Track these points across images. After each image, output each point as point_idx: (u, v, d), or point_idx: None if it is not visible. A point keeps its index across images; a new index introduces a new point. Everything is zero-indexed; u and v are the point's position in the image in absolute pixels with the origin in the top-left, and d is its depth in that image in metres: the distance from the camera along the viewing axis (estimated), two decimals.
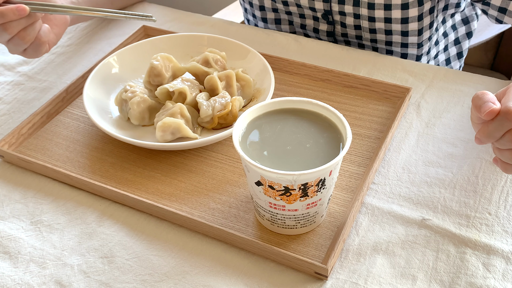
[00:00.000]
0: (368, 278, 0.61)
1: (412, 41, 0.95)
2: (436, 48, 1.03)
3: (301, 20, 1.00)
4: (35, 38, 0.78)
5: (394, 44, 0.96)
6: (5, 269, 0.64)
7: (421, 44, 0.96)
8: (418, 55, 0.98)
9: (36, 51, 0.80)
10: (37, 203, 0.71)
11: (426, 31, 0.94)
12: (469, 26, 1.04)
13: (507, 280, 0.60)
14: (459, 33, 1.04)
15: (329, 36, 1.00)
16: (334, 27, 0.98)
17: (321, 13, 0.96)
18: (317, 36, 1.02)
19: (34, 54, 0.81)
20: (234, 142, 0.60)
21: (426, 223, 0.66)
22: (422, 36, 0.94)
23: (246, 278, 0.62)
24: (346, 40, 1.00)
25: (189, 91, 0.77)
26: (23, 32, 0.76)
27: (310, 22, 0.99)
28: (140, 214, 0.69)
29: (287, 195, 0.59)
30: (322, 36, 1.00)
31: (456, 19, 1.02)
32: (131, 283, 0.62)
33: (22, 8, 0.72)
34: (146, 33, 0.99)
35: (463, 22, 1.03)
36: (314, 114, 0.65)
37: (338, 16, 0.95)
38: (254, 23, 1.08)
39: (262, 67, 0.83)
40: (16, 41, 0.76)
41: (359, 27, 0.95)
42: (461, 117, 0.79)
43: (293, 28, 1.04)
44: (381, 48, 0.98)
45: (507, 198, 0.68)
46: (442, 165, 0.73)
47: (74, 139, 0.79)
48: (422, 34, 0.94)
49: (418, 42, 0.95)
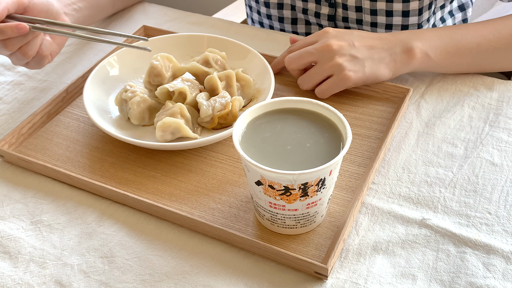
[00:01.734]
0: (368, 278, 0.61)
1: (413, 21, 0.95)
2: None
3: (303, 3, 1.00)
4: (36, 52, 0.78)
5: (394, 27, 0.96)
6: (5, 269, 0.64)
7: (421, 25, 0.96)
8: None
9: (39, 64, 0.81)
10: (37, 203, 0.71)
11: (426, 11, 0.94)
12: (465, 13, 1.05)
13: (507, 280, 0.60)
14: (456, 19, 1.05)
15: (330, 21, 1.00)
16: (336, 10, 0.98)
17: None
18: (318, 22, 1.02)
19: (37, 66, 0.82)
20: (234, 142, 0.60)
21: (426, 222, 0.66)
22: (422, 16, 0.94)
23: (246, 278, 0.62)
24: (346, 25, 1.00)
25: (189, 91, 0.77)
26: (25, 48, 0.76)
27: (312, 6, 0.99)
28: (140, 214, 0.69)
29: (287, 194, 0.59)
30: (323, 20, 1.00)
31: (454, 5, 1.03)
32: (131, 283, 0.62)
33: (23, 27, 0.72)
34: (146, 33, 0.99)
35: (459, 9, 1.04)
36: (314, 114, 0.65)
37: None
38: (257, 9, 1.08)
39: (262, 67, 0.83)
40: (18, 56, 0.77)
41: (360, 8, 0.95)
42: (461, 117, 0.79)
43: (294, 14, 1.04)
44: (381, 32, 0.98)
45: (507, 198, 0.68)
46: (442, 165, 0.73)
47: (74, 139, 0.79)
48: (422, 14, 0.94)
49: (418, 23, 0.95)
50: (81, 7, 0.92)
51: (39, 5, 0.79)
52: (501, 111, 0.79)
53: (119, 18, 1.05)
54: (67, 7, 0.88)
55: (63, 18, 0.85)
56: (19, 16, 0.76)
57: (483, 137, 0.76)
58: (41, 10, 0.79)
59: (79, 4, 0.91)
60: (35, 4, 0.78)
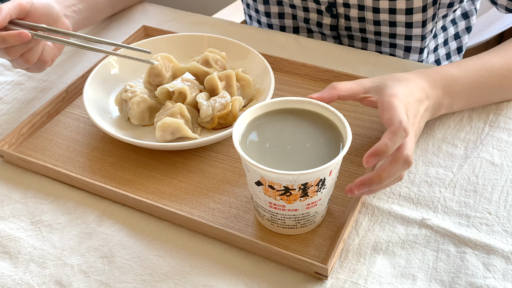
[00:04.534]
0: (368, 278, 0.61)
1: (416, 33, 0.94)
2: (435, 41, 1.03)
3: (304, 14, 0.99)
4: (38, 58, 0.78)
5: (398, 36, 0.95)
6: (5, 269, 0.64)
7: (425, 36, 0.95)
8: (422, 47, 0.98)
9: (39, 68, 0.82)
10: (37, 203, 0.71)
11: (429, 23, 0.94)
12: (469, 20, 1.04)
13: (507, 280, 0.60)
14: (459, 27, 1.04)
15: (332, 30, 1.00)
16: (338, 20, 0.97)
17: (325, 6, 0.95)
18: (320, 31, 1.01)
19: (37, 71, 0.82)
20: (234, 142, 0.60)
21: (426, 223, 0.66)
22: (426, 28, 0.94)
23: (246, 278, 0.62)
24: (349, 34, 1.00)
25: (189, 91, 0.77)
26: (27, 55, 0.76)
27: (314, 16, 0.99)
28: (140, 214, 0.69)
29: (287, 195, 0.59)
30: (326, 30, 1.00)
31: (457, 13, 1.02)
32: (131, 283, 0.62)
33: (25, 35, 0.72)
34: (146, 33, 0.99)
35: (463, 17, 1.03)
36: (314, 114, 0.65)
37: (342, 8, 0.94)
38: (257, 18, 1.08)
39: (262, 67, 0.83)
40: (20, 62, 0.77)
41: (363, 19, 0.95)
42: (461, 117, 0.79)
43: (296, 23, 1.04)
44: (384, 41, 0.98)
45: (507, 198, 0.68)
46: (442, 165, 0.73)
47: (74, 139, 0.79)
48: (426, 25, 0.93)
49: (422, 34, 0.95)
50: (81, 8, 0.92)
51: (41, 9, 0.79)
52: (501, 111, 0.79)
53: (119, 18, 1.05)
54: (67, 9, 0.88)
55: (63, 21, 0.85)
56: (21, 22, 0.76)
57: (483, 137, 0.76)
58: (42, 14, 0.79)
59: (79, 6, 0.91)
60: (36, 8, 0.78)
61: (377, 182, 0.61)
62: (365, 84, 0.70)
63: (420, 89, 0.70)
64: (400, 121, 0.61)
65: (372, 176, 0.61)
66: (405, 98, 0.66)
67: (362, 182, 0.61)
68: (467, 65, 0.75)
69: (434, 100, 0.71)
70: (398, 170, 0.61)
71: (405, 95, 0.66)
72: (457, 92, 0.74)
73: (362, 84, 0.70)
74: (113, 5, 1.03)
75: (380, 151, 0.60)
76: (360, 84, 0.70)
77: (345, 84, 0.69)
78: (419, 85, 0.70)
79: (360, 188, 0.61)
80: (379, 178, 0.61)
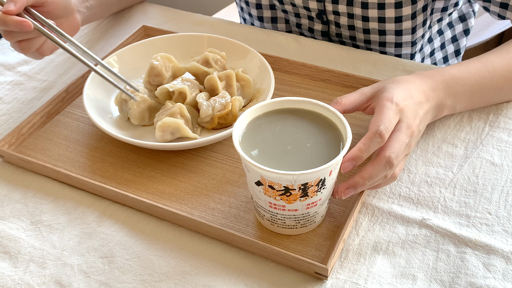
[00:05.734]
0: (368, 278, 0.61)
1: (406, 39, 0.94)
2: (430, 46, 1.02)
3: (296, 19, 1.00)
4: (36, 49, 0.78)
5: (388, 44, 0.96)
6: (5, 269, 0.64)
7: (415, 42, 0.96)
8: (412, 53, 0.98)
9: (37, 58, 0.81)
10: (37, 203, 0.71)
11: (420, 29, 0.94)
12: (466, 23, 1.04)
13: (507, 280, 0.60)
14: (456, 30, 1.04)
15: (324, 36, 1.00)
16: (329, 27, 0.98)
17: (316, 13, 0.96)
18: (312, 36, 1.01)
19: (35, 58, 0.82)
20: (234, 142, 0.60)
21: (426, 223, 0.66)
22: (415, 34, 0.94)
23: (246, 278, 0.62)
24: (340, 40, 1.00)
25: (189, 91, 0.77)
26: (24, 43, 0.76)
27: (305, 22, 0.99)
28: (140, 214, 0.69)
29: (287, 195, 0.59)
30: (317, 36, 1.00)
31: (453, 16, 1.02)
32: (131, 283, 0.62)
33: (27, 25, 0.71)
34: (146, 33, 0.99)
35: (460, 20, 1.03)
36: (314, 114, 0.65)
37: (332, 16, 0.95)
38: (251, 22, 1.08)
39: (262, 67, 0.83)
40: (15, 46, 0.77)
41: (353, 27, 0.95)
42: (461, 117, 0.79)
43: (289, 27, 1.04)
44: (375, 49, 0.98)
45: (507, 198, 0.68)
46: (442, 165, 0.73)
47: (74, 139, 0.79)
48: (415, 32, 0.93)
49: (412, 41, 0.95)
50: (92, 5, 0.93)
51: (59, 1, 0.79)
52: (501, 111, 0.79)
53: (119, 18, 1.05)
54: (81, 4, 0.89)
55: (75, 16, 0.86)
56: (33, 12, 0.75)
57: (483, 137, 0.76)
58: (59, 6, 0.79)
59: (91, 2, 0.92)
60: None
61: (360, 184, 0.63)
62: (366, 93, 0.70)
63: (420, 91, 0.70)
64: (378, 127, 0.62)
65: (355, 178, 0.63)
66: (403, 101, 0.66)
67: (347, 186, 0.63)
68: (468, 66, 0.75)
69: (435, 101, 0.71)
70: (380, 172, 0.62)
71: (402, 98, 0.67)
72: (459, 93, 0.74)
73: (364, 93, 0.70)
74: (119, 2, 1.03)
75: (354, 156, 0.61)
76: (362, 93, 0.70)
77: (348, 97, 0.69)
78: (419, 87, 0.70)
79: (346, 193, 0.63)
80: (362, 179, 0.62)
